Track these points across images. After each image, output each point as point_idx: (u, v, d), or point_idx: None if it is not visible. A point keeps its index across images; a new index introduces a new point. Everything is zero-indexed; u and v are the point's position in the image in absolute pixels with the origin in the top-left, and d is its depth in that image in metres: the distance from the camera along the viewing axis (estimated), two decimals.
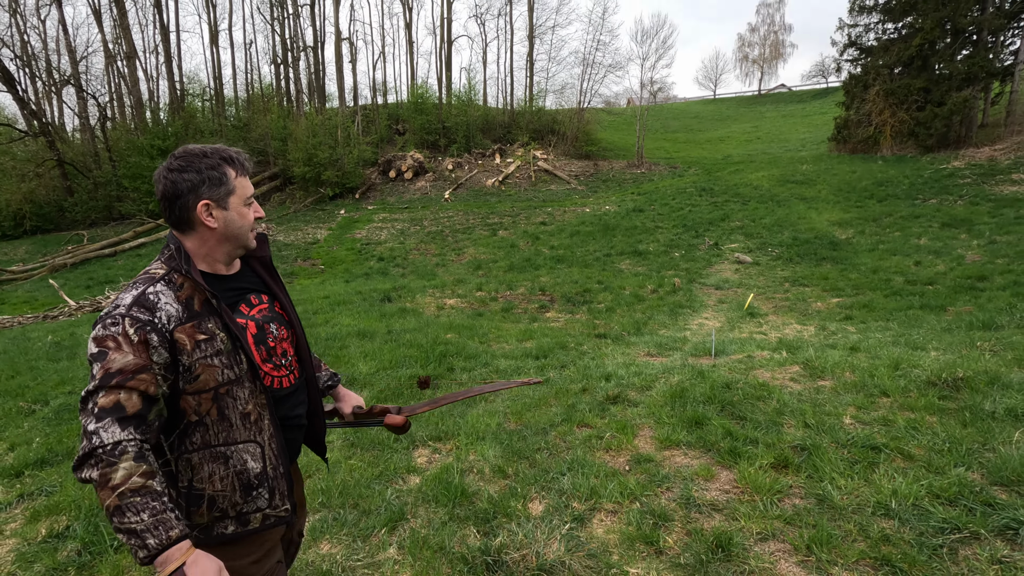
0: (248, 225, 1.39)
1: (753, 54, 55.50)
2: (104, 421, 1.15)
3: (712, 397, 3.80)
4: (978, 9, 18.51)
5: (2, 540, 2.86)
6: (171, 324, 1.24)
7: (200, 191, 1.30)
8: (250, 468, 1.35)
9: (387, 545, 2.50)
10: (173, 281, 1.29)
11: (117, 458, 1.13)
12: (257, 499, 1.37)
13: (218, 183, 1.32)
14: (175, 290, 1.28)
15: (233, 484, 1.33)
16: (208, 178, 1.31)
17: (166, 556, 1.14)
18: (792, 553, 2.25)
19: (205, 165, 1.31)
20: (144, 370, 1.19)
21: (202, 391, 1.28)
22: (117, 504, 1.11)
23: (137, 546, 1.12)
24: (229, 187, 1.34)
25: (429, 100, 29.82)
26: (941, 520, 2.28)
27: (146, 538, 1.12)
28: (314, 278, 14.49)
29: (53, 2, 27.21)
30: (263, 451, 1.37)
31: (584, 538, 2.45)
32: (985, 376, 3.61)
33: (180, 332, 1.25)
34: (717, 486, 2.80)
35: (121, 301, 1.24)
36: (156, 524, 1.13)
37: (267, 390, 1.39)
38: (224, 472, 1.32)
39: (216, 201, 1.32)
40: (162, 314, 1.24)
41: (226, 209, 1.34)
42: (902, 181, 16.37)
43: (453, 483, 2.94)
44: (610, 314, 8.91)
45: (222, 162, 1.33)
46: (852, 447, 2.96)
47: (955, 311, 7.49)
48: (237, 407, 1.33)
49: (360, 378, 5.17)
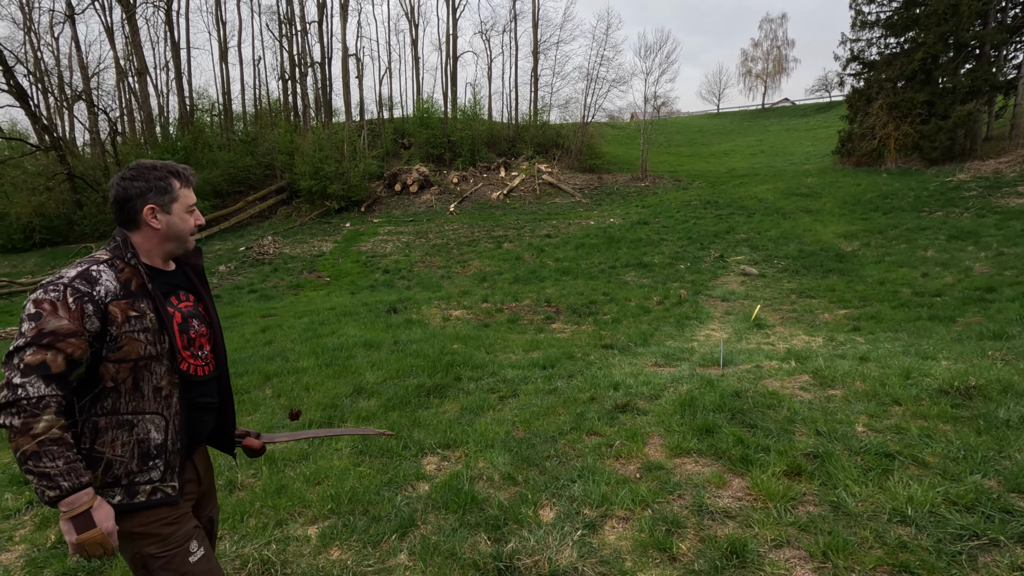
0: (188, 229, 1.57)
1: (756, 69, 55.96)
2: (30, 377, 1.26)
3: (722, 405, 3.77)
4: (980, 24, 18.65)
5: (12, 546, 2.86)
6: (107, 298, 1.38)
7: (147, 197, 1.49)
8: (152, 438, 1.45)
9: (398, 551, 2.48)
10: (115, 265, 1.44)
11: (40, 411, 1.25)
12: (151, 470, 1.46)
13: (163, 191, 1.51)
14: (116, 272, 1.43)
15: (133, 451, 1.43)
16: (155, 187, 1.50)
17: (74, 499, 1.29)
18: (808, 560, 2.23)
19: (154, 176, 1.50)
20: (75, 335, 1.32)
21: (123, 360, 1.40)
22: (35, 450, 1.24)
23: (48, 487, 1.26)
24: (173, 195, 1.53)
25: (434, 115, 30.12)
26: (959, 527, 2.25)
27: (59, 480, 1.26)
28: (320, 290, 14.54)
29: (66, 20, 27.78)
30: (167, 425, 1.49)
31: (596, 544, 2.42)
32: (998, 384, 3.58)
33: (114, 306, 1.39)
34: (729, 493, 2.78)
35: (65, 273, 1.38)
36: (69, 470, 1.28)
37: (182, 373, 1.52)
38: (127, 438, 1.42)
39: (161, 206, 1.51)
40: (101, 288, 1.38)
41: (169, 214, 1.52)
42: (907, 194, 16.36)
43: (463, 490, 2.92)
44: (616, 325, 8.89)
45: (169, 175, 1.53)
46: (865, 454, 2.93)
47: (964, 322, 7.44)
48: (152, 380, 1.45)
49: (368, 387, 5.16)
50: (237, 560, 2.47)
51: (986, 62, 18.80)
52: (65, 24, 28.45)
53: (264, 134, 28.24)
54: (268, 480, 3.28)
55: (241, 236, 22.20)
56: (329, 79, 31.79)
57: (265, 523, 2.81)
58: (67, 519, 1.30)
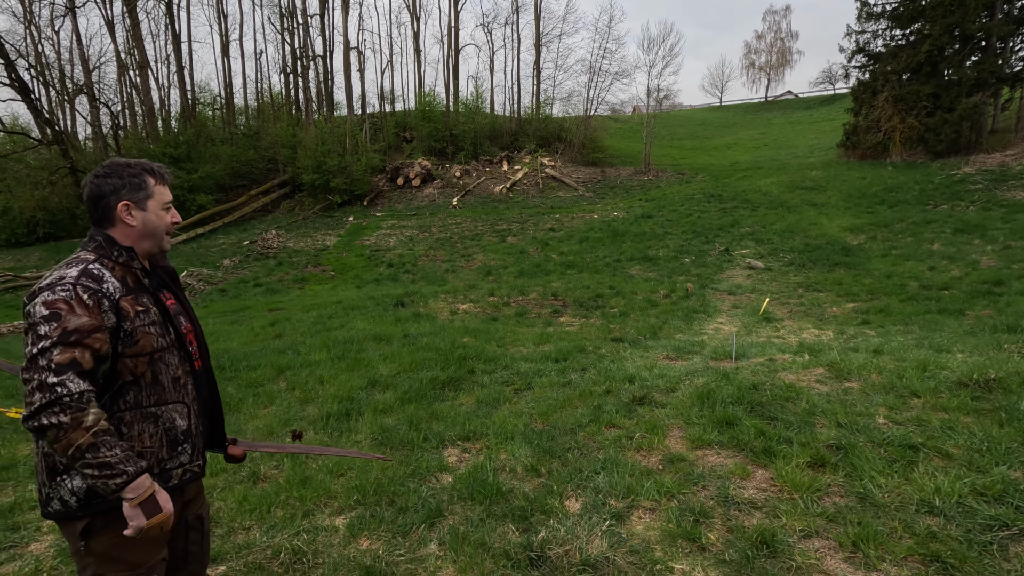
0: (164, 226, 1.55)
1: (760, 61, 55.72)
2: (66, 374, 1.25)
3: (740, 398, 3.78)
4: (987, 15, 18.53)
5: (41, 536, 2.88)
6: (116, 295, 1.38)
7: (121, 193, 1.47)
8: (178, 426, 1.49)
9: (427, 541, 2.50)
10: (105, 264, 1.43)
11: (86, 404, 1.25)
12: (181, 455, 1.51)
13: (138, 188, 1.49)
14: (110, 270, 1.42)
15: (161, 440, 1.46)
16: (129, 183, 1.48)
17: (138, 483, 1.30)
18: (838, 550, 2.24)
19: (128, 173, 1.49)
20: (99, 330, 1.32)
21: (140, 355, 1.41)
22: (92, 442, 1.24)
23: (112, 475, 1.26)
24: (148, 192, 1.51)
25: (436, 108, 30.01)
26: (988, 517, 2.27)
27: (123, 467, 1.28)
28: (325, 284, 14.55)
29: (67, 13, 27.64)
30: (189, 411, 1.53)
31: (625, 535, 2.44)
32: (1018, 377, 3.58)
33: (124, 301, 1.39)
34: (754, 484, 2.79)
35: (67, 274, 1.35)
36: (127, 457, 1.29)
37: (191, 358, 1.56)
38: (154, 430, 1.45)
39: (136, 203, 1.49)
40: (108, 285, 1.38)
41: (144, 210, 1.50)
42: (913, 187, 16.32)
43: (488, 481, 2.94)
44: (624, 319, 8.90)
45: (143, 172, 1.51)
46: (888, 446, 2.94)
47: (974, 315, 7.44)
48: (169, 371, 1.48)
49: (382, 380, 5.17)
50: (269, 550, 2.48)
51: (992, 54, 18.70)
52: (66, 17, 28.33)
53: (266, 128, 28.15)
54: (291, 472, 3.29)
55: (245, 230, 22.19)
56: (331, 72, 31.70)
57: (292, 514, 2.82)
58: (135, 505, 1.30)
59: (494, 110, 33.23)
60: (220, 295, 14.01)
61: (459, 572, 2.28)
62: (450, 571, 2.30)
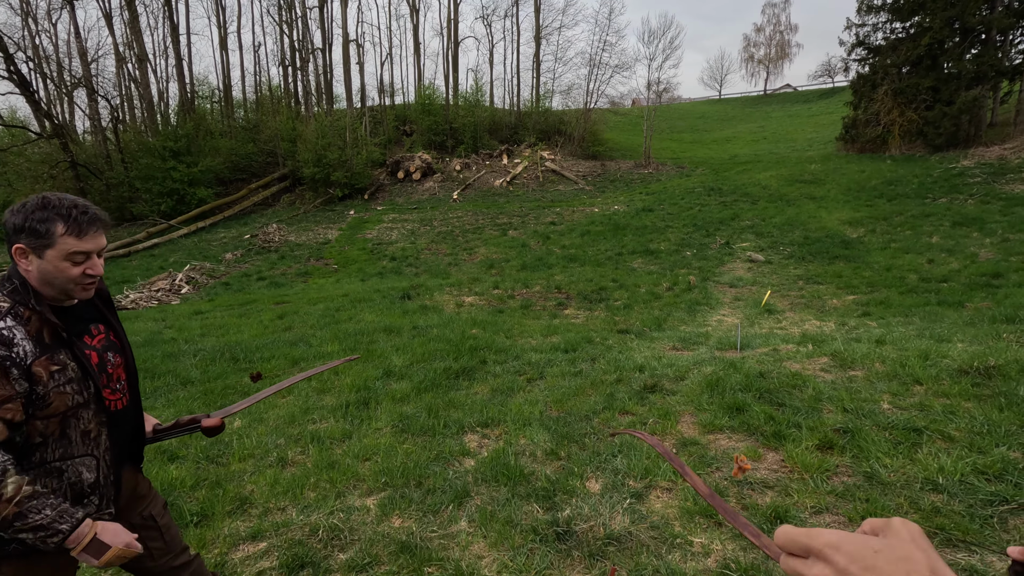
0: (66, 279, 1.39)
1: (759, 54, 55.64)
2: None
3: (748, 385, 3.92)
4: (987, 8, 18.59)
5: None
6: (28, 359, 1.30)
7: (20, 236, 1.35)
8: (84, 479, 1.43)
9: (457, 519, 2.63)
10: (20, 315, 1.33)
11: (3, 476, 1.22)
12: (87, 506, 1.46)
13: (37, 235, 1.35)
14: (24, 324, 1.32)
15: (66, 494, 1.40)
16: (29, 228, 1.35)
17: (76, 535, 1.28)
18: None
19: (36, 217, 1.35)
20: (10, 400, 1.27)
21: (52, 416, 1.35)
22: (17, 511, 1.22)
23: (48, 535, 1.25)
24: (48, 240, 1.36)
25: (436, 101, 29.98)
26: (989, 493, 2.40)
27: (57, 526, 1.26)
28: (329, 277, 14.64)
29: (65, 6, 27.48)
30: (98, 463, 1.47)
31: (645, 512, 2.57)
32: (1016, 364, 3.72)
33: (37, 366, 1.31)
34: (765, 466, 2.92)
35: None
36: (60, 514, 1.27)
37: (107, 411, 1.48)
38: (57, 484, 1.39)
39: (31, 248, 1.36)
40: (19, 349, 1.29)
41: (40, 259, 1.36)
42: (911, 180, 16.45)
43: (510, 464, 3.06)
44: (628, 311, 9.03)
45: (55, 217, 1.36)
46: (893, 429, 3.08)
47: (973, 307, 7.59)
48: (79, 426, 1.41)
49: (396, 371, 5.29)
50: (307, 527, 2.61)
51: (992, 47, 18.78)
52: (63, 10, 28.18)
53: (266, 121, 28.13)
54: (318, 457, 3.42)
55: (245, 224, 22.23)
56: (330, 65, 31.61)
57: (324, 495, 2.95)
58: (79, 553, 1.30)
59: (494, 103, 33.23)
60: (224, 288, 14.10)
61: (490, 546, 2.41)
62: (481, 545, 2.43)
